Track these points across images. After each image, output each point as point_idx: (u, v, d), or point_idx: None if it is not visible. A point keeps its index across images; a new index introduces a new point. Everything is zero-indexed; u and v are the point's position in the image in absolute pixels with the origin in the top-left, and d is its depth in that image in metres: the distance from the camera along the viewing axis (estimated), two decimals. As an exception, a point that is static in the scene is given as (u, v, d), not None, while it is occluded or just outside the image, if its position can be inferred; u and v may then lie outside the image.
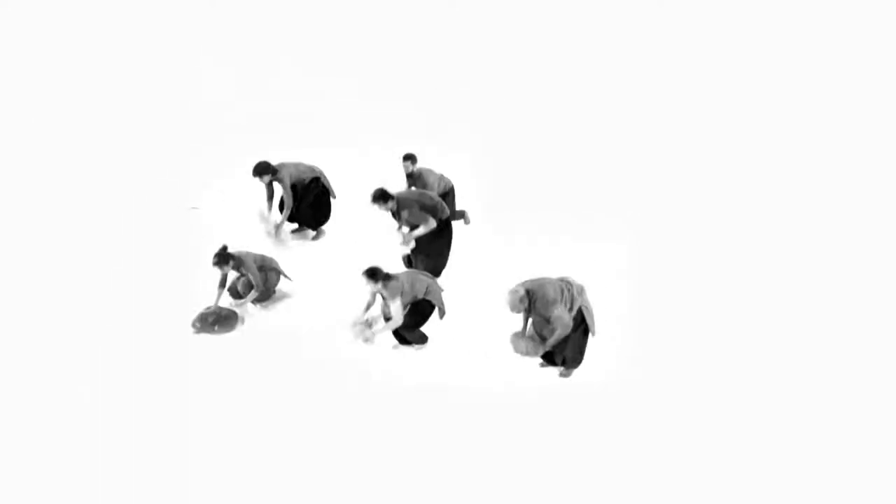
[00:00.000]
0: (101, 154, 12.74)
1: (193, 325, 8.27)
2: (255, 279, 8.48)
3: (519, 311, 6.94)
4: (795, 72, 12.82)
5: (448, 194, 10.04)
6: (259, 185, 10.17)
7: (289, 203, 9.82)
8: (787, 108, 12.46)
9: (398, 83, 14.29)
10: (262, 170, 9.80)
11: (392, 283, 7.67)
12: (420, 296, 7.83)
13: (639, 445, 6.54)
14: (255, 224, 10.00)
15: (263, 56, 14.79)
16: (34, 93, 14.07)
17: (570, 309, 6.95)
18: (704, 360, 7.53)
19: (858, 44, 13.13)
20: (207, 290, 8.98)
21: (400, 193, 9.06)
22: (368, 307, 8.07)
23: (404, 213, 8.89)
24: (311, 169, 10.12)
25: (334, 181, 10.35)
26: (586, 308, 7.09)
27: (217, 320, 8.25)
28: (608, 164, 11.68)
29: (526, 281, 7.01)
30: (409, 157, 10.04)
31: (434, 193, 9.31)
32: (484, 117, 13.34)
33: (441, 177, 10.09)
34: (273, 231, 9.91)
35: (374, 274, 7.67)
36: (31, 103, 13.82)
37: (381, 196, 8.88)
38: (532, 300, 6.87)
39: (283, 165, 9.88)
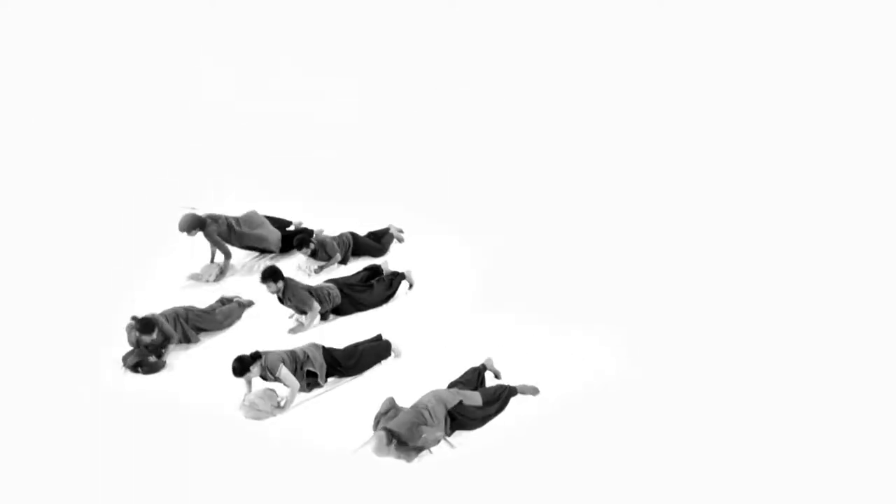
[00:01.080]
0: (101, 154, 12.75)
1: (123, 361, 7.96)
2: (168, 335, 8.03)
3: (387, 455, 6.51)
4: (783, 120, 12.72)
5: (356, 243, 9.68)
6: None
7: (226, 252, 9.43)
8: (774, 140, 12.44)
9: (398, 83, 14.28)
10: (190, 225, 9.28)
11: (269, 357, 7.22)
12: (304, 364, 7.37)
13: (637, 448, 6.51)
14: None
15: (263, 56, 14.78)
16: (34, 93, 14.07)
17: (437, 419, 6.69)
18: (701, 362, 7.50)
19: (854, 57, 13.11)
20: (205, 288, 9.12)
21: (289, 278, 8.53)
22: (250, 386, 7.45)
23: (291, 297, 8.39)
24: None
25: (330, 186, 10.35)
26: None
27: (141, 364, 7.85)
28: (594, 174, 11.62)
29: (388, 423, 6.57)
30: (303, 244, 9.39)
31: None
32: (479, 116, 13.32)
33: (341, 237, 9.64)
34: (214, 276, 9.39)
35: (244, 367, 7.11)
36: (31, 103, 13.82)
37: (270, 275, 8.36)
38: (398, 439, 6.51)
39: (209, 222, 9.37)
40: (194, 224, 9.30)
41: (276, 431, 6.85)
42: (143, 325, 7.86)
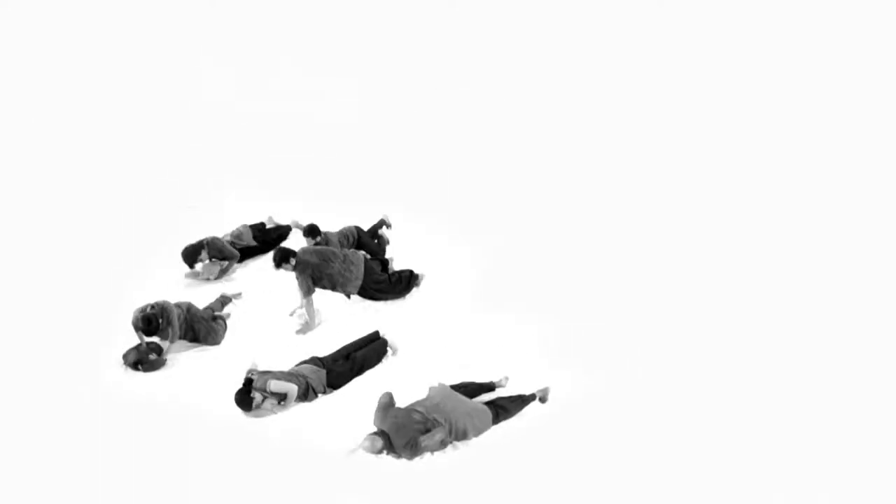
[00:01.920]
0: (102, 154, 12.76)
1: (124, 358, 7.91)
2: (173, 331, 8.03)
3: (380, 453, 6.45)
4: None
5: (359, 239, 9.61)
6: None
7: (231, 253, 9.55)
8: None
9: (397, 83, 14.28)
10: (191, 255, 9.40)
11: (258, 381, 7.13)
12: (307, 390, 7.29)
13: (639, 449, 6.49)
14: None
15: (263, 56, 14.78)
16: (35, 93, 14.07)
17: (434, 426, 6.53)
18: (705, 361, 7.49)
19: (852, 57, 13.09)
20: (205, 288, 9.11)
21: (302, 254, 8.44)
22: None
23: (298, 280, 8.38)
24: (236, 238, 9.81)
25: (330, 186, 10.30)
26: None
27: (141, 362, 7.82)
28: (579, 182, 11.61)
29: (384, 424, 6.49)
30: (312, 232, 9.32)
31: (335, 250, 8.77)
32: (478, 116, 13.32)
33: (345, 233, 9.54)
34: (215, 275, 9.48)
35: (246, 396, 7.07)
36: (32, 103, 13.82)
37: (283, 257, 8.35)
38: (390, 440, 6.46)
39: (210, 243, 9.48)
40: (195, 254, 9.39)
41: (276, 431, 6.83)
42: (146, 322, 7.87)
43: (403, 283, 8.81)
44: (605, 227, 10.15)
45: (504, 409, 6.79)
